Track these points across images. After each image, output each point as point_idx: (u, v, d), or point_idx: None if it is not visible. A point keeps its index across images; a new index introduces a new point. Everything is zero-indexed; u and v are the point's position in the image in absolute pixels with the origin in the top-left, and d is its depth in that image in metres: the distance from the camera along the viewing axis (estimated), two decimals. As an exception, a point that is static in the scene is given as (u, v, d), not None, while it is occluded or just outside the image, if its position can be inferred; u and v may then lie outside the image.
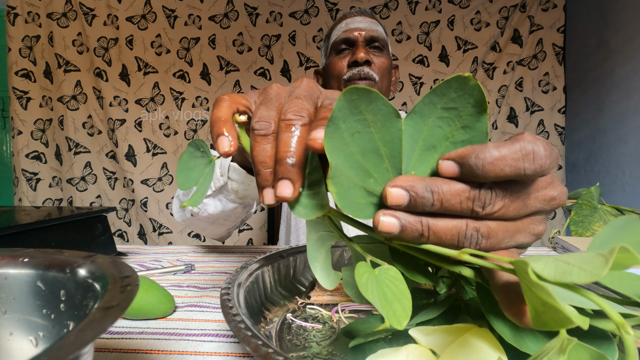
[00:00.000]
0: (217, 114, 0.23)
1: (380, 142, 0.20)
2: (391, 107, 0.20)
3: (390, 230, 0.19)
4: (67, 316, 0.19)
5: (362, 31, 0.74)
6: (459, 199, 0.18)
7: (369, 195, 0.20)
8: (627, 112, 1.40)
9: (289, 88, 0.26)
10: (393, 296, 0.19)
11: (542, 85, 1.81)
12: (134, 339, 0.32)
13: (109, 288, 0.16)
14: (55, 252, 0.21)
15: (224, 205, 0.51)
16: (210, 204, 0.52)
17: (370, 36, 0.74)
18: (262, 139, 0.21)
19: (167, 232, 1.85)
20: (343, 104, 0.19)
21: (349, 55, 0.75)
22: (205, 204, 0.52)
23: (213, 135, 0.23)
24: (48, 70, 1.79)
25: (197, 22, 1.82)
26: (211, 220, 0.56)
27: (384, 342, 0.26)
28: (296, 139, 0.20)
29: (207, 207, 0.53)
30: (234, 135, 0.23)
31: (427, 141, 0.20)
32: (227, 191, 0.49)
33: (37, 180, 1.80)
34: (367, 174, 0.20)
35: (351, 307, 0.36)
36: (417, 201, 0.18)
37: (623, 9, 1.43)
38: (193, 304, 0.40)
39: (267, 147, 0.21)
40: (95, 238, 0.53)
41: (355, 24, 0.75)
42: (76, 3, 1.76)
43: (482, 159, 0.17)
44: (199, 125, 1.85)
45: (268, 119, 0.22)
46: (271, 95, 0.24)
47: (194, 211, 0.55)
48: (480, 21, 1.80)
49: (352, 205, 0.19)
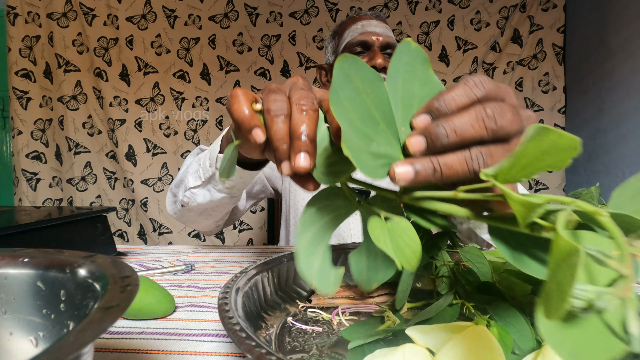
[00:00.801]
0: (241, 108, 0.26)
1: (373, 106, 0.22)
2: (375, 73, 0.22)
3: (406, 177, 0.20)
4: (67, 316, 0.19)
5: (379, 36, 0.75)
6: (469, 122, 0.21)
7: (376, 158, 0.21)
8: (627, 112, 1.40)
9: (288, 84, 0.28)
10: (404, 243, 0.20)
11: (542, 85, 1.81)
12: (134, 339, 0.32)
13: (109, 288, 0.16)
14: (55, 252, 0.21)
15: (212, 195, 0.52)
16: (200, 194, 0.54)
17: (386, 42, 0.76)
18: (279, 120, 0.25)
19: (167, 232, 1.85)
20: (338, 73, 0.21)
21: (365, 59, 0.76)
22: (194, 193, 0.54)
23: (244, 128, 0.26)
24: (48, 70, 1.79)
25: (197, 22, 1.83)
26: (200, 210, 0.57)
27: (383, 343, 0.26)
28: (309, 118, 0.24)
29: (197, 197, 0.54)
30: (262, 126, 0.26)
31: (404, 100, 0.23)
32: (214, 181, 0.50)
33: (37, 180, 1.80)
34: (369, 139, 0.21)
35: (351, 309, 0.36)
36: (433, 140, 0.21)
37: (623, 9, 1.43)
38: (193, 304, 0.40)
39: (283, 126, 0.24)
40: (95, 238, 0.53)
41: (372, 28, 0.76)
42: (76, 3, 1.76)
43: (442, 99, 0.22)
44: (199, 125, 1.85)
45: (282, 103, 0.25)
46: (275, 88, 0.27)
47: (184, 201, 0.56)
48: (480, 21, 1.80)
49: (367, 167, 0.20)
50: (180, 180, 0.57)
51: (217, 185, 0.51)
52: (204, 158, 0.51)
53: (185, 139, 1.85)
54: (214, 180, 0.50)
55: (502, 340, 0.24)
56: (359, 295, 0.38)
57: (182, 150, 1.85)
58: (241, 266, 0.54)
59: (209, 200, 0.54)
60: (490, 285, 0.29)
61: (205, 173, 0.51)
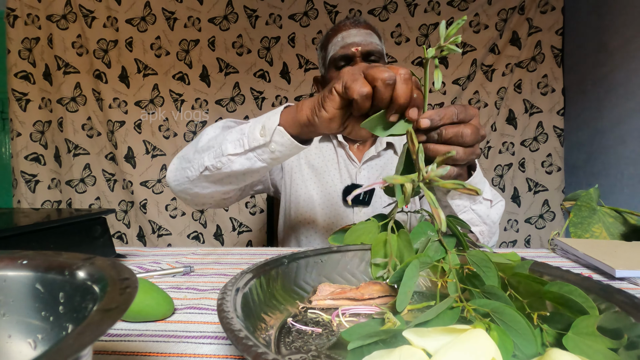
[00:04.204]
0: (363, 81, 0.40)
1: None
2: None
3: (426, 125, 0.40)
4: (66, 318, 0.19)
5: (358, 46, 0.76)
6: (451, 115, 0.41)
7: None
8: (626, 114, 1.41)
9: (365, 65, 0.42)
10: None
11: (541, 87, 1.81)
12: (133, 342, 0.32)
13: (108, 290, 0.16)
14: (54, 254, 0.21)
15: (252, 163, 0.54)
16: (237, 161, 0.54)
17: (367, 51, 0.76)
18: (389, 86, 0.38)
19: (167, 234, 1.84)
20: None
21: None
22: (231, 160, 0.54)
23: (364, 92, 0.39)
24: (47, 72, 1.79)
25: (197, 24, 1.83)
26: (222, 177, 0.58)
27: (383, 345, 0.26)
28: (410, 86, 0.39)
29: (232, 164, 0.55)
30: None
31: None
32: (261, 151, 0.52)
33: (36, 182, 1.80)
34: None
35: (352, 310, 0.36)
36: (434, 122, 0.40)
37: (621, 11, 1.43)
38: (192, 306, 0.39)
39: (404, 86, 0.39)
40: (94, 240, 0.53)
41: (351, 38, 0.76)
42: (76, 5, 1.76)
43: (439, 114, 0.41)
44: (198, 127, 1.85)
45: (390, 73, 0.38)
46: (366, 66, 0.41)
47: (215, 166, 0.56)
48: (479, 23, 1.81)
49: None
50: (207, 147, 0.58)
51: (263, 155, 0.53)
52: (251, 128, 0.52)
53: (184, 141, 1.85)
54: (261, 149, 0.52)
55: (503, 344, 0.24)
56: (359, 297, 0.37)
57: (181, 152, 1.85)
58: (241, 268, 0.54)
59: (247, 167, 0.55)
60: (495, 289, 0.29)
61: (252, 142, 0.52)
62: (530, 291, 0.29)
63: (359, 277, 0.43)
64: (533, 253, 0.63)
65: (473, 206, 0.58)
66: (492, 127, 1.82)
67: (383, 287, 0.38)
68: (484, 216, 0.60)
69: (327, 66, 0.81)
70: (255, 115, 1.85)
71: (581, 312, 0.26)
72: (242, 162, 0.54)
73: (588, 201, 0.68)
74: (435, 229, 0.39)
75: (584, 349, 0.23)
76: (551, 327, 0.26)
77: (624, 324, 0.26)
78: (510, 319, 0.25)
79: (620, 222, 0.67)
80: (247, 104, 1.86)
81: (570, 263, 0.57)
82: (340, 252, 0.44)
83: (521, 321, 0.25)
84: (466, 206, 0.58)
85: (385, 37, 1.84)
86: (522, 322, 0.25)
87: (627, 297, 0.28)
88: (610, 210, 0.68)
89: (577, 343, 0.24)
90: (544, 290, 0.28)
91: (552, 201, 1.82)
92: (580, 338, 0.24)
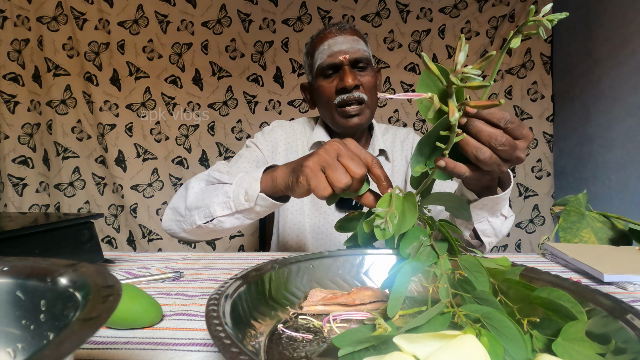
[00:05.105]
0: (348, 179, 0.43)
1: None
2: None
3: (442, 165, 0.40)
4: (47, 327, 0.18)
5: (346, 54, 0.75)
6: (500, 117, 0.41)
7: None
8: (613, 121, 1.43)
9: (326, 160, 0.44)
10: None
11: (531, 93, 1.84)
12: (119, 349, 0.31)
13: (90, 298, 0.15)
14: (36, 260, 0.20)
15: (241, 222, 0.59)
16: (227, 221, 0.59)
17: (354, 58, 0.75)
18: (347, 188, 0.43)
19: (157, 238, 1.82)
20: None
21: (336, 79, 0.76)
22: (221, 221, 0.59)
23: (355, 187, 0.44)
24: (37, 74, 1.76)
25: (190, 28, 1.82)
26: (211, 230, 0.62)
27: (374, 351, 0.26)
28: (361, 184, 0.44)
29: (223, 224, 0.59)
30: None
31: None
32: (247, 212, 0.57)
33: (23, 185, 1.77)
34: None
35: (343, 316, 0.36)
36: (480, 114, 0.41)
37: (607, 21, 1.47)
38: (181, 312, 0.39)
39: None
40: (81, 245, 0.52)
41: (338, 46, 0.75)
42: (67, 7, 1.74)
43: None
44: (190, 131, 1.84)
45: (347, 180, 0.43)
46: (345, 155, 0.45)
47: (208, 227, 0.60)
48: (470, 30, 1.83)
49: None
50: (195, 206, 0.61)
51: (250, 215, 0.58)
52: (235, 193, 0.56)
53: (176, 145, 1.84)
54: (247, 212, 0.57)
55: (493, 349, 0.24)
56: (351, 302, 0.37)
57: (173, 155, 1.83)
58: (231, 273, 0.53)
59: (237, 225, 0.60)
60: (486, 294, 0.29)
61: (239, 206, 0.56)
62: (520, 297, 0.29)
63: (350, 282, 0.43)
64: (523, 258, 0.64)
65: (490, 218, 0.59)
66: (483, 133, 1.84)
67: (374, 293, 0.38)
68: (497, 229, 0.61)
69: (314, 74, 0.80)
70: (249, 119, 1.85)
71: (570, 318, 0.26)
72: (232, 221, 0.59)
73: (577, 206, 0.69)
74: (427, 233, 0.39)
75: (573, 354, 0.24)
76: (541, 333, 0.26)
77: (612, 328, 0.26)
78: (500, 325, 0.25)
79: (608, 227, 0.68)
80: (240, 107, 1.85)
81: (560, 268, 0.57)
82: (331, 257, 0.44)
83: (511, 327, 0.25)
84: (484, 217, 0.59)
85: (377, 42, 1.85)
86: (512, 328, 0.25)
87: (615, 302, 0.28)
88: (599, 215, 0.69)
89: (567, 348, 0.24)
90: (533, 295, 0.28)
91: (542, 206, 1.84)
92: (569, 344, 0.24)
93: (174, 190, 1.84)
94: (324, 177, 0.43)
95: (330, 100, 0.77)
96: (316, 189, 0.43)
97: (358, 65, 0.76)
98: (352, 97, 0.74)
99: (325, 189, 0.42)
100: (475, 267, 0.32)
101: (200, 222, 0.60)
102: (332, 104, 0.77)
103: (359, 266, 0.44)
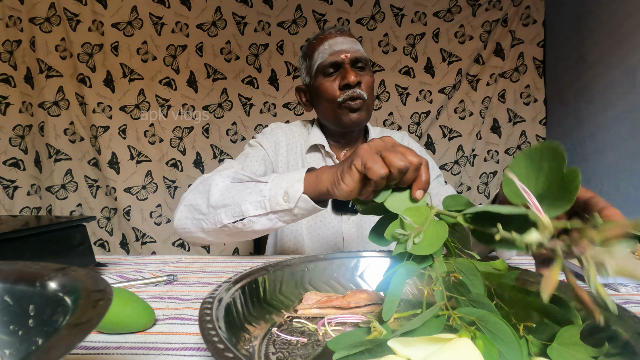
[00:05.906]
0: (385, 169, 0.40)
1: None
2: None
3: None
4: (35, 332, 0.18)
5: (347, 53, 0.77)
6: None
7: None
8: (605, 124, 1.45)
9: (382, 145, 0.44)
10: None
11: (524, 97, 1.86)
12: (111, 354, 0.31)
13: (80, 303, 0.15)
14: (25, 264, 0.20)
15: (274, 223, 0.56)
16: (258, 222, 0.56)
17: (355, 57, 0.78)
18: (402, 173, 0.41)
19: (151, 241, 1.80)
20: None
21: (338, 77, 0.78)
22: (252, 221, 0.56)
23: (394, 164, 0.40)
24: (29, 76, 1.74)
25: (185, 30, 1.82)
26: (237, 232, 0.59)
27: (369, 354, 0.26)
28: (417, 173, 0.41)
29: (254, 225, 0.56)
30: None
31: None
32: (283, 214, 0.55)
33: (14, 188, 1.74)
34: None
35: (338, 319, 0.36)
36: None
37: (598, 26, 1.49)
38: (174, 316, 0.38)
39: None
40: (72, 248, 0.51)
41: (339, 46, 0.78)
42: (60, 8, 1.73)
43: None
44: (184, 133, 1.83)
45: (405, 163, 0.41)
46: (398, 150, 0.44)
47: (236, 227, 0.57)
48: (464, 34, 1.85)
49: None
50: (222, 204, 0.58)
51: (285, 217, 0.55)
52: (272, 192, 0.54)
53: (170, 147, 1.82)
54: (284, 213, 0.54)
55: (488, 352, 0.24)
56: (345, 305, 0.37)
57: (167, 157, 1.82)
58: (225, 276, 0.53)
59: (269, 227, 0.57)
60: (481, 297, 0.29)
61: (275, 207, 0.54)
62: (516, 300, 0.29)
63: (345, 285, 0.43)
64: (518, 260, 0.64)
65: (505, 255, 0.63)
66: (477, 136, 1.86)
67: (369, 295, 0.38)
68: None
69: (313, 74, 0.81)
70: (244, 121, 1.85)
71: (565, 322, 0.26)
72: (264, 222, 0.56)
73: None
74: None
75: (568, 358, 0.24)
76: (536, 338, 0.26)
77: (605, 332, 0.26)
78: (495, 327, 0.25)
79: (600, 229, 0.69)
80: (235, 110, 1.85)
81: (554, 270, 0.57)
82: (326, 260, 0.43)
83: (506, 330, 0.25)
84: (503, 256, 0.62)
85: (372, 46, 1.86)
86: (507, 331, 0.25)
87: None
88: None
89: (562, 353, 0.24)
90: (528, 299, 0.28)
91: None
92: (564, 348, 0.24)
93: (168, 192, 1.82)
94: (380, 159, 0.41)
95: (334, 98, 0.78)
96: (372, 168, 0.40)
97: (357, 64, 0.78)
98: (355, 92, 0.76)
99: (382, 167, 0.40)
100: (470, 270, 0.32)
101: (227, 221, 0.57)
102: (335, 101, 0.78)
103: (353, 269, 0.44)
